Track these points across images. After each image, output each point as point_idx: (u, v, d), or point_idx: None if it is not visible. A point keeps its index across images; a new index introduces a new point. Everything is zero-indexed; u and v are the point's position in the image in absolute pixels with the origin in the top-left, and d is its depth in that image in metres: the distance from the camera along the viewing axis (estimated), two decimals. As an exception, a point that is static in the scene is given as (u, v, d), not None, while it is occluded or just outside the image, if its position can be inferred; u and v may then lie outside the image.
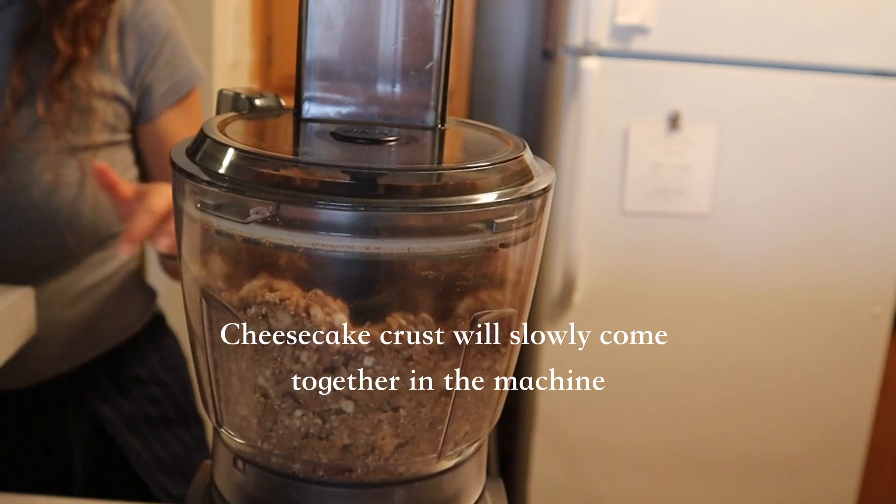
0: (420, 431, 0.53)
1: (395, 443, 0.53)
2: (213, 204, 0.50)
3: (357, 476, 0.54)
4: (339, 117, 0.59)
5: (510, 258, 0.53)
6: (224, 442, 0.57)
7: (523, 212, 0.51)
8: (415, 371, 0.51)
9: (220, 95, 0.62)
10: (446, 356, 0.52)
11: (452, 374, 0.52)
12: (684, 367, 1.89)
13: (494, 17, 2.78)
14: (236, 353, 0.53)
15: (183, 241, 0.55)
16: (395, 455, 0.53)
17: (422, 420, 0.53)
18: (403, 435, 0.53)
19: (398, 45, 0.57)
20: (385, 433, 0.52)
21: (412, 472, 0.55)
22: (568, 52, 1.77)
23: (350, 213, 0.47)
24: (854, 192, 1.83)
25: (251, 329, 0.51)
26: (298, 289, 0.50)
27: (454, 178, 0.50)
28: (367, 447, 0.52)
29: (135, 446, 1.15)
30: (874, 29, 1.75)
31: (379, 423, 0.52)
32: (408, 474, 0.55)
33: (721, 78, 1.77)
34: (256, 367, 0.52)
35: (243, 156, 0.50)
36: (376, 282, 0.50)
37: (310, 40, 0.57)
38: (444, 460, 0.56)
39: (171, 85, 1.11)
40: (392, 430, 0.52)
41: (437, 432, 0.54)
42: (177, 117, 1.12)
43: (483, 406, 0.56)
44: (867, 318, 1.90)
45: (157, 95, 1.10)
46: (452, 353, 0.52)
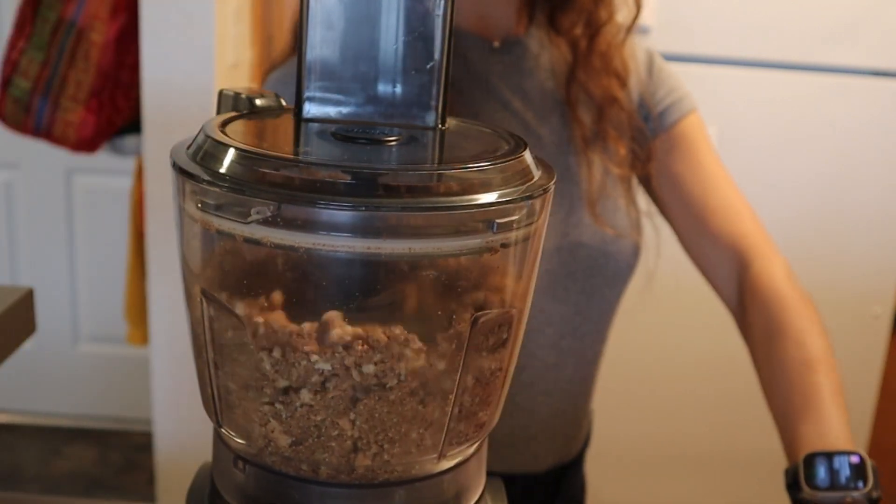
0: (421, 431, 0.53)
1: (395, 442, 0.53)
2: (213, 204, 0.50)
3: (357, 476, 0.54)
4: (339, 117, 0.59)
5: (511, 258, 0.53)
6: (224, 442, 0.57)
7: (524, 212, 0.51)
8: (415, 371, 0.51)
9: (221, 95, 0.62)
10: (447, 356, 0.52)
11: (453, 374, 0.52)
12: (684, 366, 1.89)
13: (494, 17, 2.78)
14: (236, 353, 0.53)
15: (183, 241, 0.54)
16: (396, 455, 0.53)
17: (422, 420, 0.53)
18: (404, 435, 0.53)
19: (399, 45, 0.57)
20: (385, 433, 0.52)
21: (412, 472, 0.55)
22: (568, 52, 1.77)
23: (351, 213, 0.47)
24: (854, 192, 1.83)
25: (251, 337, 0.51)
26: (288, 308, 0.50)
27: (455, 178, 0.50)
28: (368, 447, 0.52)
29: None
30: (874, 29, 1.75)
31: (379, 422, 0.52)
32: (408, 474, 0.55)
33: (721, 78, 1.77)
34: (256, 368, 0.52)
35: (244, 156, 0.50)
36: (377, 282, 0.50)
37: (310, 40, 0.57)
38: (445, 460, 0.56)
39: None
40: (393, 429, 0.52)
41: (437, 432, 0.54)
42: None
43: (483, 406, 0.56)
44: (867, 318, 1.90)
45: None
46: (453, 353, 0.52)
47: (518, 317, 0.56)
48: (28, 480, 2.47)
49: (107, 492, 2.43)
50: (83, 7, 1.79)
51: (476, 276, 0.52)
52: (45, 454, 2.59)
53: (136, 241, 2.00)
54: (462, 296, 0.52)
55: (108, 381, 2.71)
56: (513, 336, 0.56)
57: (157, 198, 1.68)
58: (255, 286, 0.51)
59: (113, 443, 2.65)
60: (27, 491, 2.41)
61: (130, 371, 2.63)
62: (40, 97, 1.83)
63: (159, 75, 1.62)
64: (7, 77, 1.83)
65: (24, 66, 1.82)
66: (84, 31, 1.79)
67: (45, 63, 1.82)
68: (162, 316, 1.73)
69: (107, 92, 1.83)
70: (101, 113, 1.83)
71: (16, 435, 2.67)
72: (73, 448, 2.62)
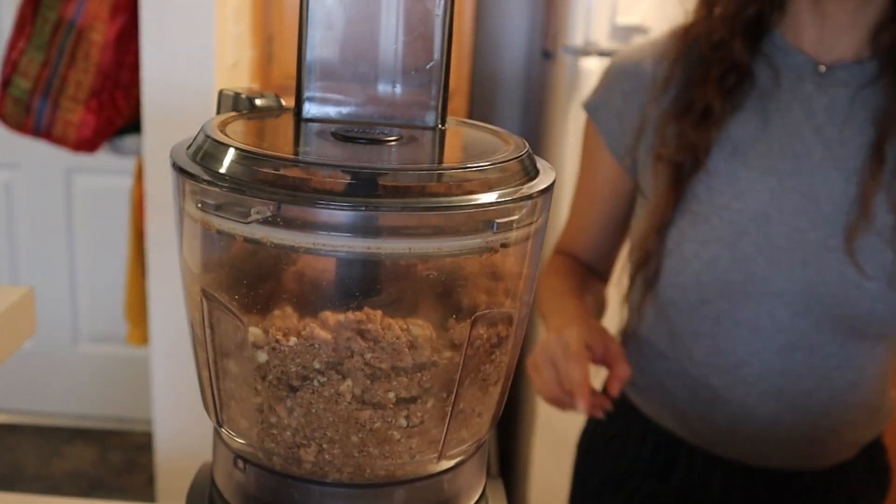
0: (420, 431, 0.53)
1: (395, 443, 0.53)
2: (213, 204, 0.50)
3: (357, 476, 0.54)
4: (339, 117, 0.59)
5: (511, 258, 0.53)
6: (224, 442, 0.57)
7: (524, 212, 0.51)
8: (415, 371, 0.51)
9: (221, 95, 0.62)
10: (447, 356, 0.52)
11: (453, 374, 0.52)
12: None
13: (494, 17, 2.78)
14: (236, 353, 0.53)
15: (183, 241, 0.54)
16: (396, 455, 0.53)
17: (422, 420, 0.53)
18: (404, 435, 0.53)
19: (398, 45, 0.57)
20: (385, 433, 0.52)
21: (412, 472, 0.55)
22: (568, 52, 1.77)
23: (350, 213, 0.47)
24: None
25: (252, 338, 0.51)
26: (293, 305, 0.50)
27: (455, 178, 0.50)
28: (368, 447, 0.52)
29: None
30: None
31: (379, 423, 0.52)
32: (408, 474, 0.55)
33: (721, 78, 1.77)
34: (256, 368, 0.52)
35: (244, 156, 0.50)
36: (377, 282, 0.50)
37: (310, 40, 0.57)
38: (445, 460, 0.56)
39: None
40: (392, 430, 0.52)
41: (437, 432, 0.54)
42: None
43: (483, 406, 0.56)
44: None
45: None
46: (453, 353, 0.52)
47: (518, 317, 0.56)
48: (28, 480, 2.47)
49: (107, 492, 2.44)
50: (83, 7, 1.79)
51: (476, 276, 0.52)
52: (45, 454, 2.59)
53: (136, 241, 2.00)
54: (462, 296, 0.52)
55: (108, 381, 2.71)
56: (512, 336, 0.56)
57: (157, 198, 1.68)
58: (254, 286, 0.51)
59: (113, 443, 2.65)
60: (27, 491, 2.41)
61: (130, 371, 2.63)
62: (40, 97, 1.83)
63: (159, 75, 1.62)
64: (7, 77, 1.83)
65: (24, 66, 1.82)
66: (84, 31, 1.79)
67: (45, 63, 1.82)
68: (162, 316, 1.73)
69: (107, 92, 1.83)
70: (101, 113, 1.83)
71: (16, 435, 2.67)
72: (73, 448, 2.63)
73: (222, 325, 0.53)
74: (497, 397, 0.58)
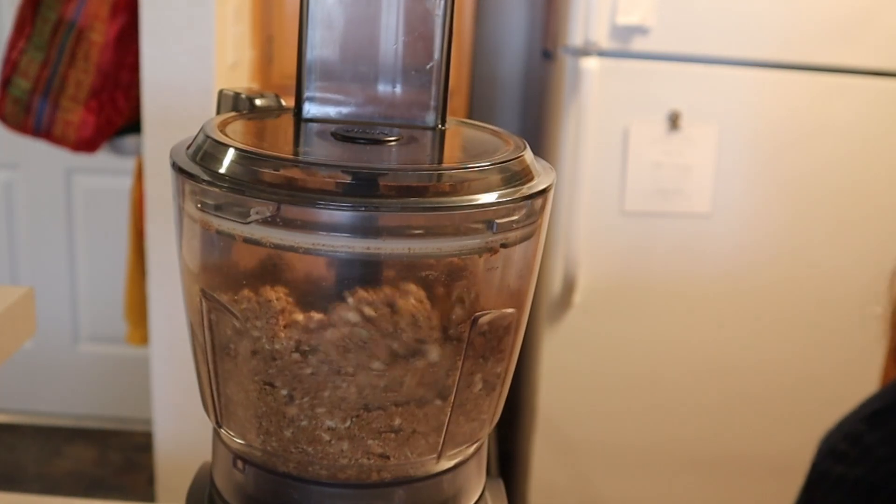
0: (420, 431, 0.53)
1: (395, 443, 0.53)
2: (213, 204, 0.50)
3: (357, 476, 0.54)
4: (339, 117, 0.59)
5: (511, 258, 0.53)
6: (224, 442, 0.57)
7: (524, 212, 0.51)
8: (415, 371, 0.51)
9: (221, 95, 0.62)
10: (446, 356, 0.52)
11: (452, 374, 0.52)
12: (684, 367, 1.89)
13: (494, 17, 2.78)
14: (236, 353, 0.53)
15: (183, 241, 0.54)
16: (396, 455, 0.53)
17: (422, 420, 0.53)
18: (403, 435, 0.53)
19: (398, 45, 0.57)
20: (385, 433, 0.52)
21: (412, 472, 0.55)
22: (568, 52, 1.77)
23: (350, 214, 0.47)
24: (854, 192, 1.83)
25: (248, 328, 0.51)
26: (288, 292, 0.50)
27: (454, 179, 0.50)
28: (368, 447, 0.52)
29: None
30: (874, 29, 1.75)
31: (379, 423, 0.52)
32: (408, 474, 0.55)
33: (721, 78, 1.77)
34: (256, 368, 0.52)
35: (244, 156, 0.50)
36: (377, 282, 0.50)
37: (310, 40, 0.57)
38: (444, 460, 0.56)
39: None
40: (392, 430, 0.52)
41: (436, 432, 0.54)
42: None
43: (483, 406, 0.56)
44: (867, 318, 1.89)
45: None
46: (453, 353, 0.52)
47: (518, 317, 0.56)
48: (28, 480, 2.47)
49: (107, 492, 2.43)
50: (83, 7, 1.79)
51: (476, 276, 0.52)
52: (45, 454, 2.59)
53: (136, 241, 2.00)
54: (462, 296, 0.52)
55: (108, 381, 2.71)
56: (512, 336, 0.56)
57: (157, 198, 1.68)
58: (254, 286, 0.51)
59: (113, 443, 2.65)
60: (27, 491, 2.41)
61: (130, 371, 2.63)
62: (40, 97, 1.83)
63: (159, 75, 1.62)
64: (7, 77, 1.83)
65: (24, 66, 1.82)
66: (84, 31, 1.79)
67: (45, 63, 1.82)
68: (162, 316, 1.73)
69: (107, 92, 1.83)
70: (101, 113, 1.83)
71: (16, 435, 2.67)
72: (73, 448, 2.62)
73: (221, 326, 0.53)
74: (497, 398, 0.58)
